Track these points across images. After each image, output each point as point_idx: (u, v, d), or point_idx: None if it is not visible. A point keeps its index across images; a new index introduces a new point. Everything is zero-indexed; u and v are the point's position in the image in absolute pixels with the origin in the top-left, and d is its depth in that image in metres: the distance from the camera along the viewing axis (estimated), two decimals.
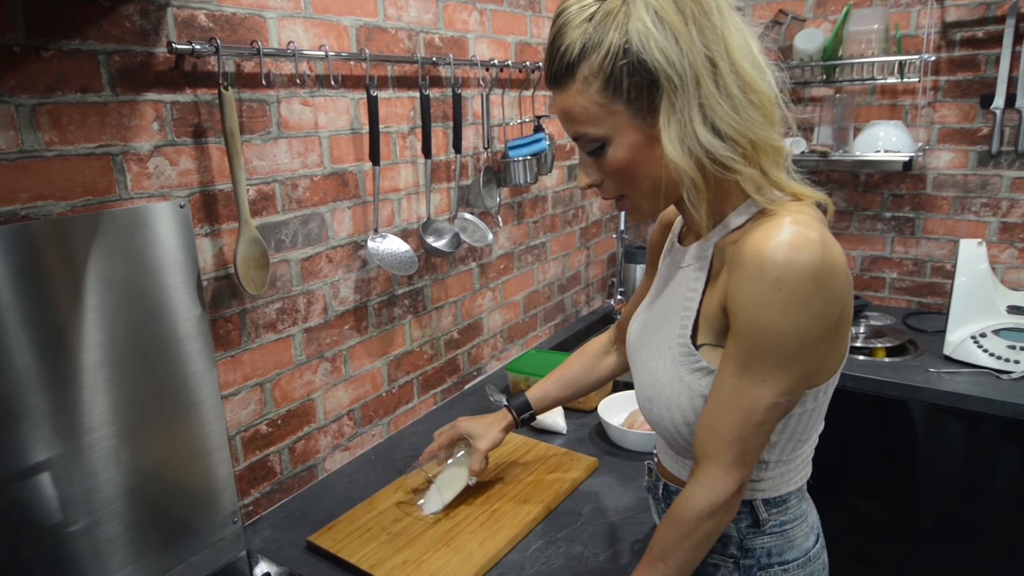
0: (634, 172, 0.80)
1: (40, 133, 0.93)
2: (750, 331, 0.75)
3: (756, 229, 0.76)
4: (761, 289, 0.73)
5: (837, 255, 0.74)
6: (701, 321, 0.84)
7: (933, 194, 2.20)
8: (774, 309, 0.73)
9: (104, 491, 1.04)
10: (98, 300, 1.00)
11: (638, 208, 0.86)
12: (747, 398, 0.77)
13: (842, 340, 0.82)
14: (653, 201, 0.83)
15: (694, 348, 0.83)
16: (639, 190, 0.82)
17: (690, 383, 0.84)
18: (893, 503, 1.90)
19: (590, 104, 0.77)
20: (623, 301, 2.39)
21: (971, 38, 2.04)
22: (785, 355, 0.75)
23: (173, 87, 1.08)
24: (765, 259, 0.72)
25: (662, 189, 0.80)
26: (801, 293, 0.72)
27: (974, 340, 1.82)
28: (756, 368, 0.76)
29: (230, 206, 1.18)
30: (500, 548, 1.15)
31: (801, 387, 0.79)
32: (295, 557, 1.17)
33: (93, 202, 0.99)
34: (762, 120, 0.76)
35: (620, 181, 0.82)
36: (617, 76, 0.75)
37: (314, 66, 1.30)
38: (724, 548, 0.92)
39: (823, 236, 0.74)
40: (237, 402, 1.24)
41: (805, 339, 0.74)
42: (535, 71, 1.86)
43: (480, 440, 1.25)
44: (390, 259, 1.44)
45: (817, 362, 0.79)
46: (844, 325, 0.81)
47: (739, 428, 0.78)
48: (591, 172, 0.84)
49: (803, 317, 0.73)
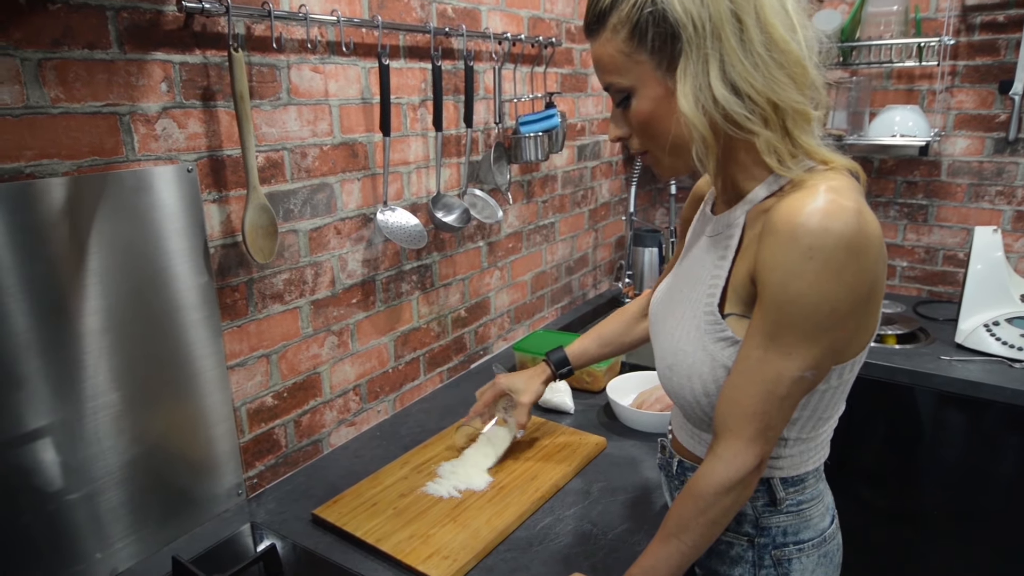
0: (656, 126, 0.80)
1: (46, 89, 0.90)
2: (779, 301, 0.73)
3: (789, 196, 0.74)
4: (792, 257, 0.70)
5: (873, 226, 0.72)
6: (729, 291, 0.81)
7: (947, 181, 2.17)
8: (805, 278, 0.70)
9: (106, 459, 1.03)
10: (102, 264, 0.98)
11: (659, 164, 0.85)
12: (772, 370, 0.75)
13: (872, 316, 0.80)
14: (674, 158, 0.81)
15: (721, 317, 0.81)
16: (660, 145, 0.81)
17: (713, 352, 0.81)
18: (900, 491, 1.89)
19: (617, 53, 0.78)
20: (631, 284, 2.36)
21: (991, 22, 2.01)
22: (814, 327, 0.72)
23: (182, 47, 1.05)
24: (798, 226, 0.70)
25: (679, 144, 0.78)
26: (833, 263, 0.69)
27: (987, 328, 1.80)
28: (783, 340, 0.74)
29: (238, 172, 1.15)
30: (507, 525, 1.13)
31: (828, 362, 0.77)
32: (300, 530, 1.16)
33: (99, 162, 0.97)
34: (788, 82, 0.73)
35: (644, 135, 0.82)
36: (642, 26, 0.75)
37: (325, 32, 1.27)
38: (739, 526, 0.90)
39: (859, 205, 0.71)
40: (243, 373, 1.22)
41: (835, 311, 0.72)
42: (548, 47, 1.83)
43: (523, 395, 1.28)
44: (399, 232, 1.41)
45: (846, 336, 0.76)
46: (875, 300, 0.78)
47: (762, 401, 0.76)
48: (620, 124, 0.84)
49: (834, 288, 0.71)
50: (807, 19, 0.76)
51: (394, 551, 1.07)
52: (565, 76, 2.03)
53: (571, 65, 2.05)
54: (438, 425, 1.50)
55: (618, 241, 2.53)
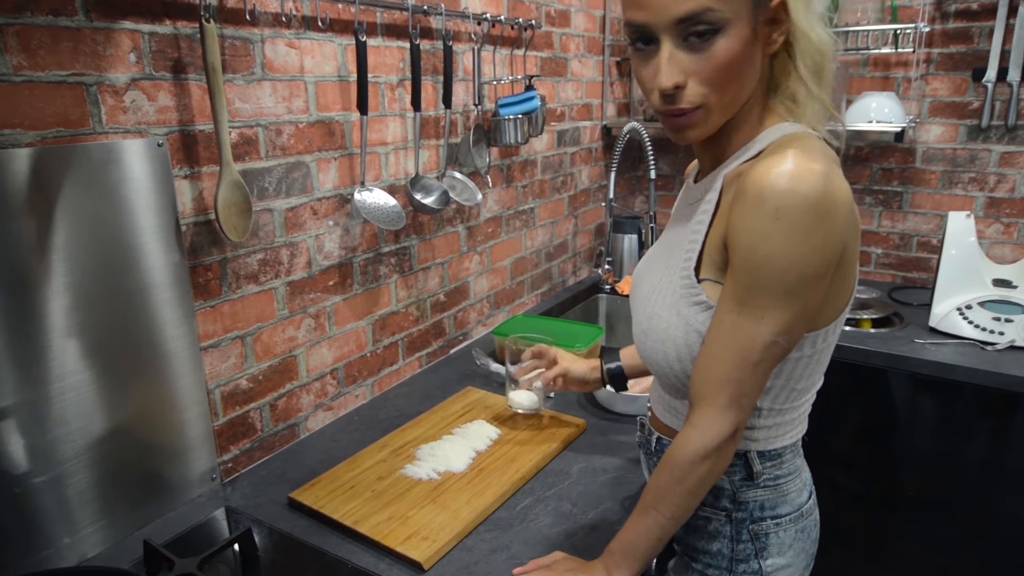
0: (736, 70, 0.73)
1: (8, 56, 0.87)
2: (749, 264, 0.73)
3: (761, 160, 0.74)
4: (760, 219, 0.71)
5: (840, 189, 0.72)
6: (704, 255, 0.81)
7: (922, 168, 2.20)
8: (773, 240, 0.71)
9: (74, 441, 1.00)
10: (68, 239, 0.95)
11: (708, 120, 0.77)
12: (744, 335, 0.75)
13: (846, 283, 0.80)
14: (728, 111, 0.78)
15: (696, 281, 0.81)
16: (726, 95, 0.75)
17: (687, 316, 0.81)
18: (874, 474, 1.91)
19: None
20: (610, 271, 2.36)
21: (965, 10, 2.03)
22: (785, 289, 0.73)
23: (151, 17, 1.02)
24: (765, 188, 0.70)
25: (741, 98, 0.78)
26: (801, 224, 0.70)
27: (960, 312, 1.82)
28: (754, 303, 0.74)
29: (211, 148, 1.12)
30: (487, 505, 1.12)
31: (800, 327, 0.77)
32: (276, 514, 1.14)
33: (65, 134, 0.94)
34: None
35: (713, 82, 0.73)
36: None
37: (300, 6, 1.24)
38: (716, 500, 0.90)
39: (828, 168, 0.72)
40: (217, 355, 1.19)
41: (804, 273, 0.72)
42: (527, 29, 1.81)
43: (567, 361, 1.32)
44: (377, 212, 1.39)
45: (816, 300, 0.76)
46: (847, 266, 0.78)
47: (736, 368, 0.76)
48: (680, 71, 0.73)
49: (803, 249, 0.71)
50: None
51: (372, 533, 1.05)
52: (545, 60, 2.01)
53: (551, 49, 2.04)
54: (417, 410, 1.48)
55: (598, 228, 2.52)
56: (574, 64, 2.19)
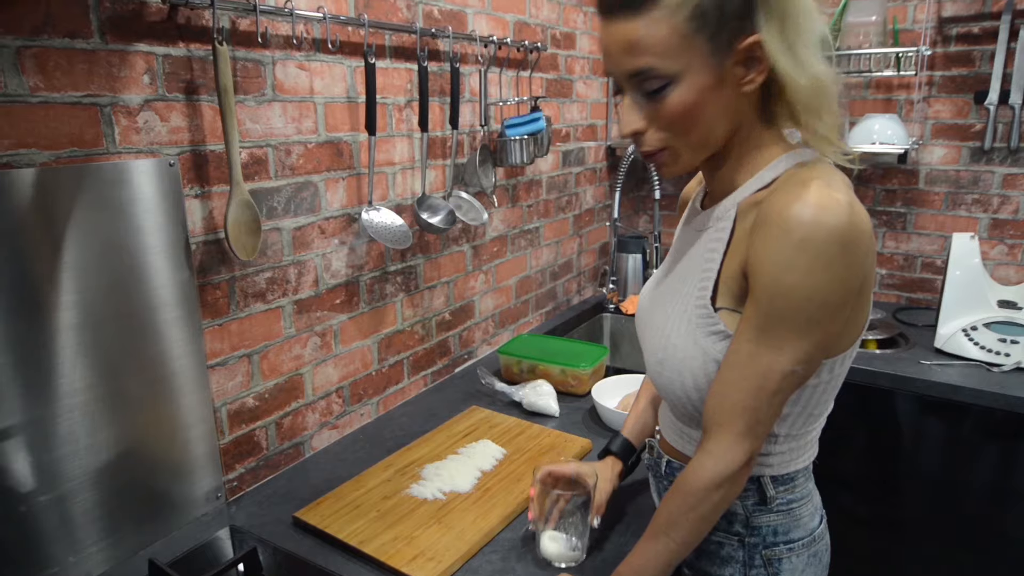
0: (694, 117, 0.75)
1: (25, 77, 0.88)
2: (771, 293, 0.73)
3: (782, 188, 0.74)
4: (785, 249, 0.71)
5: (863, 220, 0.72)
6: (721, 284, 0.81)
7: (925, 189, 2.21)
8: (797, 270, 0.70)
9: (81, 460, 1.00)
10: (79, 257, 0.96)
11: (678, 161, 0.80)
12: (763, 364, 0.75)
13: (862, 311, 0.80)
14: (699, 152, 0.80)
15: (713, 310, 0.81)
16: (689, 139, 0.77)
17: (705, 346, 0.81)
18: (880, 496, 1.90)
19: (671, 34, 0.71)
20: (615, 291, 2.37)
21: (967, 33, 2.05)
22: (806, 320, 0.72)
23: (166, 39, 1.04)
24: (791, 219, 0.70)
25: (712, 138, 0.78)
26: (826, 255, 0.70)
27: (965, 333, 1.82)
28: (774, 333, 0.73)
29: (221, 168, 1.14)
30: (493, 526, 1.12)
31: (818, 356, 0.77)
32: (281, 533, 1.13)
33: (78, 154, 0.95)
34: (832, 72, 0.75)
35: (673, 128, 0.76)
36: (705, 5, 0.70)
37: (311, 28, 1.26)
38: (729, 525, 0.89)
39: (851, 199, 0.72)
40: (223, 373, 1.20)
41: (826, 304, 0.72)
42: (533, 51, 1.83)
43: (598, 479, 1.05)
44: (384, 232, 1.40)
45: (836, 329, 0.76)
46: (865, 294, 0.78)
47: (753, 396, 0.76)
48: (639, 118, 0.77)
49: (826, 281, 0.71)
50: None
51: (378, 553, 1.05)
52: (550, 81, 2.03)
53: (556, 71, 2.06)
54: (422, 429, 1.48)
55: (602, 247, 2.53)
56: (579, 85, 2.21)
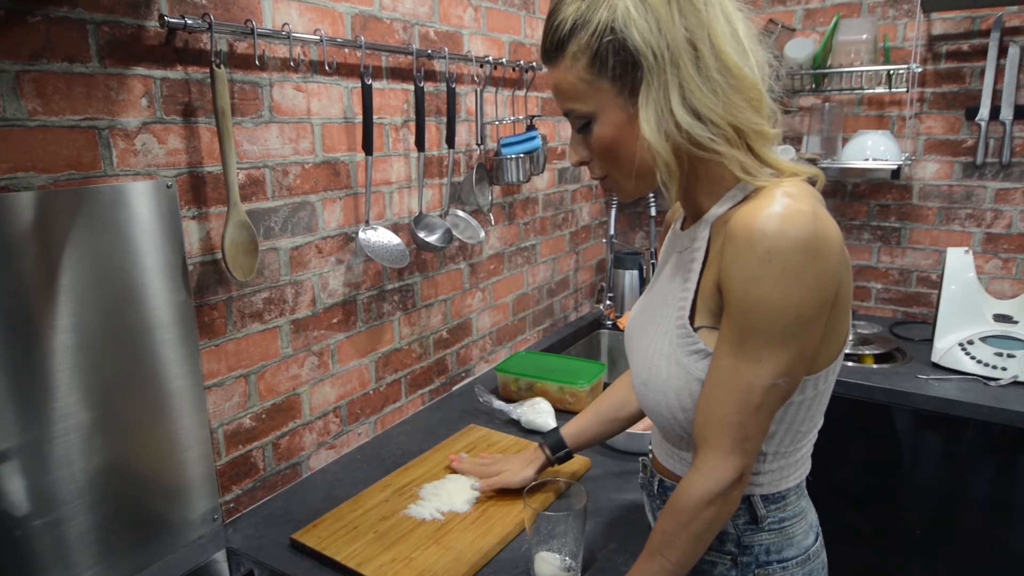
0: (616, 150, 0.80)
1: (23, 101, 0.89)
2: (743, 307, 0.73)
3: (747, 203, 0.75)
4: (751, 262, 0.71)
5: (830, 229, 0.73)
6: (699, 303, 0.82)
7: (919, 204, 2.22)
8: (765, 282, 0.71)
9: (76, 483, 0.99)
10: (77, 279, 0.96)
11: (620, 188, 0.86)
12: (743, 378, 0.75)
13: (841, 324, 0.81)
14: (635, 182, 0.83)
15: (692, 330, 0.81)
16: (621, 170, 0.82)
17: (687, 366, 0.81)
18: (879, 511, 1.89)
19: (577, 80, 0.78)
20: (612, 307, 2.37)
21: (956, 51, 2.08)
22: (781, 332, 0.73)
23: (163, 63, 1.04)
24: (754, 231, 0.71)
25: (642, 170, 0.80)
26: (792, 265, 0.70)
27: (962, 347, 1.83)
28: (751, 346, 0.74)
29: (219, 189, 1.14)
30: (491, 547, 1.11)
31: (799, 369, 0.77)
32: (278, 555, 1.13)
33: (76, 177, 0.95)
34: (745, 105, 0.76)
35: (604, 160, 0.83)
36: (603, 54, 0.76)
37: (308, 51, 1.27)
38: (721, 545, 0.89)
39: (815, 208, 0.73)
40: (220, 393, 1.19)
41: (800, 315, 0.72)
42: (529, 71, 1.85)
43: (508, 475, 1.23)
44: (381, 251, 1.41)
45: (814, 342, 0.76)
46: (841, 306, 0.79)
47: (737, 411, 0.76)
48: (580, 149, 0.85)
49: (796, 291, 0.71)
50: (757, 44, 0.78)
51: (375, 575, 1.04)
52: (546, 100, 2.05)
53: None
54: (420, 448, 1.48)
55: (599, 264, 2.54)
56: None
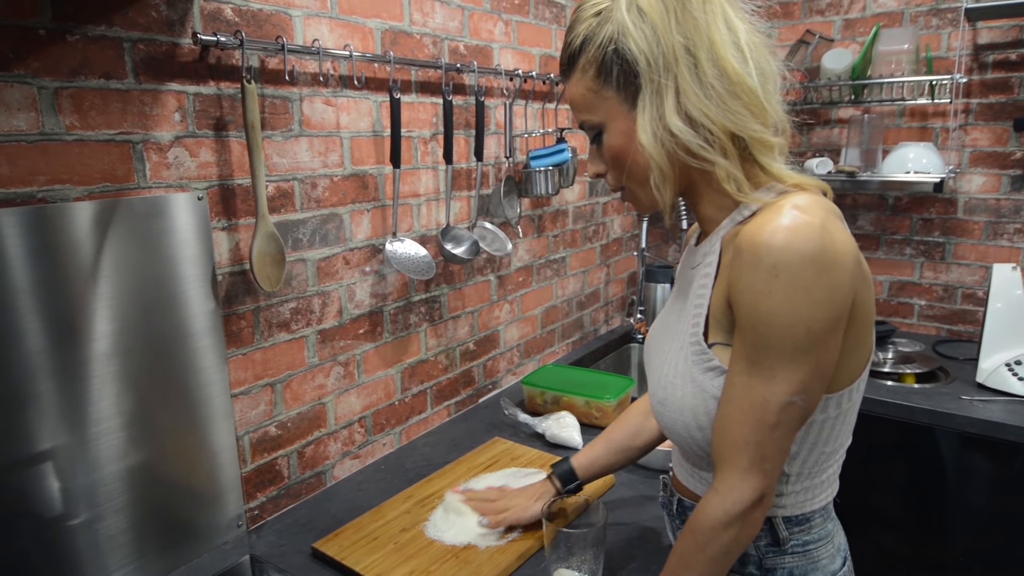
0: (626, 159, 0.81)
1: (61, 116, 0.92)
2: (752, 322, 0.72)
3: (756, 217, 0.74)
4: (759, 276, 0.70)
5: (841, 241, 0.71)
6: (712, 319, 0.80)
7: (964, 219, 2.15)
8: (774, 297, 0.69)
9: (108, 485, 1.02)
10: (111, 289, 0.99)
11: (636, 199, 0.86)
12: (758, 395, 0.73)
13: (861, 340, 0.78)
14: (648, 190, 0.82)
15: (706, 346, 0.80)
16: (634, 179, 0.83)
17: (702, 383, 0.80)
18: (921, 537, 1.82)
19: (586, 91, 0.81)
20: (642, 320, 2.34)
21: (1004, 60, 2.01)
22: (792, 347, 0.71)
23: (196, 79, 1.08)
24: (761, 244, 0.70)
25: (645, 178, 0.80)
26: (801, 279, 0.68)
27: (1009, 367, 1.75)
28: (763, 362, 0.72)
29: (248, 201, 1.17)
30: (510, 562, 1.10)
31: (816, 386, 0.74)
32: (300, 564, 1.14)
33: (111, 189, 0.99)
34: (745, 112, 0.75)
35: (617, 169, 0.84)
36: (607, 64, 0.78)
37: (338, 66, 1.29)
38: (743, 567, 0.86)
39: (825, 220, 0.70)
40: (247, 402, 1.22)
41: (811, 330, 0.70)
42: (559, 84, 1.85)
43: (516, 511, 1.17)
44: (408, 263, 1.42)
45: (830, 358, 0.74)
46: (861, 321, 0.76)
47: (753, 430, 0.74)
48: (596, 161, 0.87)
49: (805, 305, 0.69)
50: (768, 53, 0.77)
51: None
52: None
53: None
54: (444, 459, 1.48)
55: (630, 277, 2.51)
56: None
